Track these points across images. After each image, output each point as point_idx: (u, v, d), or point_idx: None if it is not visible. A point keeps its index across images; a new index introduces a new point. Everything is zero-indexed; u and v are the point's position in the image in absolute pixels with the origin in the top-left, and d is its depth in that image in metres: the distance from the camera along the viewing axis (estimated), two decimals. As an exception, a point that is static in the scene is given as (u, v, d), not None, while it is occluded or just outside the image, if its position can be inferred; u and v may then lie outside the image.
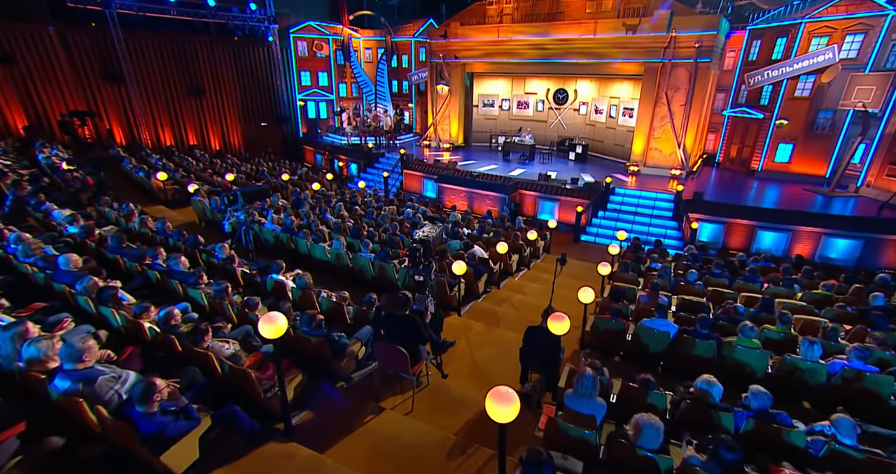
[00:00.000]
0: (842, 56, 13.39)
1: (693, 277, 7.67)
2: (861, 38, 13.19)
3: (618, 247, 9.46)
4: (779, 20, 14.75)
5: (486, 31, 18.48)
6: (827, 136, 14.73)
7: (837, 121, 14.37)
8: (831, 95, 14.18)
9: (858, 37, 13.23)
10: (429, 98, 21.64)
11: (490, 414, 2.64)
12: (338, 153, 20.12)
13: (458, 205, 15.79)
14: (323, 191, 13.50)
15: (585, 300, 5.92)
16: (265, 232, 8.71)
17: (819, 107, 14.63)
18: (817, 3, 13.62)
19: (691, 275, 7.68)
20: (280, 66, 20.54)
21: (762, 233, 11.74)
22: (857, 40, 13.27)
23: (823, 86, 14.11)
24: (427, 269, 4.84)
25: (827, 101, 14.40)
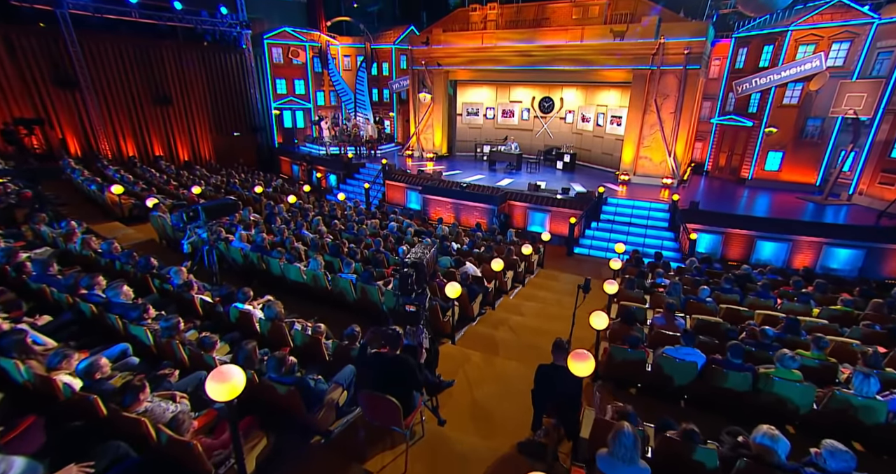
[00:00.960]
0: (829, 64, 13.48)
1: (705, 294, 7.16)
2: (847, 45, 13.31)
3: (619, 261, 8.94)
4: (765, 28, 14.84)
5: (470, 38, 18.22)
6: (816, 144, 14.77)
7: (826, 129, 14.43)
8: (820, 103, 14.24)
9: (845, 45, 13.34)
10: (411, 106, 21.25)
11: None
12: (316, 164, 19.33)
13: (445, 218, 15.19)
14: (299, 205, 12.68)
15: (598, 326, 5.30)
16: (233, 251, 7.86)
17: (808, 114, 14.68)
18: (803, 12, 13.71)
19: (703, 292, 7.17)
20: (254, 74, 19.74)
21: (761, 243, 11.47)
22: (844, 48, 13.38)
23: (812, 93, 14.17)
24: (421, 297, 4.14)
25: (815, 109, 14.46)
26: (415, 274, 4.04)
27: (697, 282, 8.08)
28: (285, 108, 22.98)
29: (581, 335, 7.30)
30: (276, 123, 22.49)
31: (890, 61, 12.50)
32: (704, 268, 9.40)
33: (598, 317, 5.29)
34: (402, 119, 24.79)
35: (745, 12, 13.39)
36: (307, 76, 23.00)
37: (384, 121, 24.65)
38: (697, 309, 7.07)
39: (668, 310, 6.04)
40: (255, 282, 8.07)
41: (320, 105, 24.04)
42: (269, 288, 7.81)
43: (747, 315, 6.84)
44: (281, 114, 22.78)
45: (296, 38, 21.89)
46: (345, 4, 24.51)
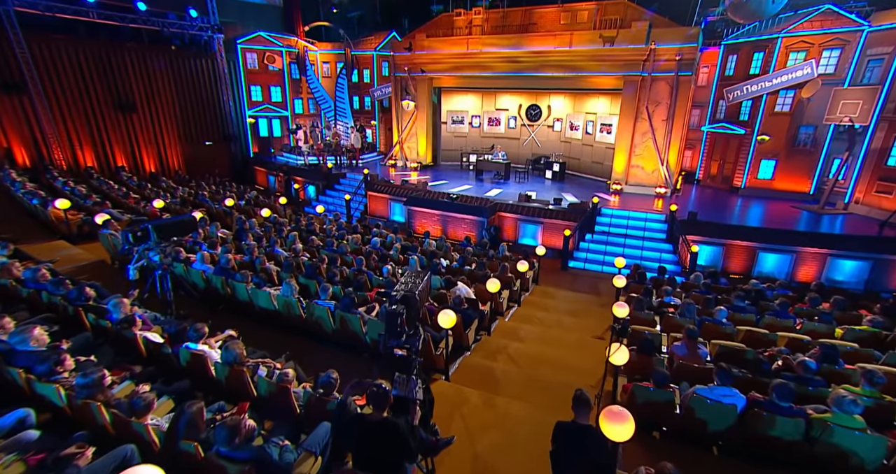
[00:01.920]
0: (820, 71, 13.43)
1: (722, 316, 6.59)
2: (838, 53, 13.29)
3: (623, 279, 8.32)
4: (755, 35, 14.79)
5: (455, 43, 17.79)
6: (809, 152, 14.69)
7: (819, 137, 14.36)
8: (812, 110, 14.18)
9: (835, 52, 13.32)
10: (393, 114, 20.71)
11: None
12: (293, 174, 18.44)
13: (432, 231, 14.48)
14: (274, 219, 11.80)
15: (618, 361, 4.61)
16: (193, 274, 6.95)
17: (800, 122, 14.60)
18: (793, 19, 13.67)
19: (720, 314, 6.59)
20: (227, 80, 18.79)
21: (764, 255, 11.10)
22: (835, 55, 13.36)
23: (804, 101, 14.10)
24: (413, 340, 3.37)
25: (808, 117, 14.39)
26: (405, 312, 3.27)
27: (711, 302, 7.51)
28: (261, 116, 22.06)
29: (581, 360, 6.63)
30: (250, 132, 21.53)
31: (881, 69, 12.46)
32: (710, 283, 8.87)
33: (619, 351, 4.60)
34: (385, 127, 24.20)
35: (735, 19, 13.19)
36: (284, 83, 22.20)
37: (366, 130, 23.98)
38: (714, 332, 6.48)
39: (688, 337, 5.41)
40: (220, 307, 7.19)
41: (298, 113, 23.22)
42: (237, 315, 6.94)
43: (769, 338, 6.26)
44: (256, 122, 21.84)
45: (272, 43, 21.10)
46: (324, 9, 23.91)
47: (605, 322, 8.84)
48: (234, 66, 20.09)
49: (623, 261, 10.19)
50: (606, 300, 10.23)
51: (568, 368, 6.49)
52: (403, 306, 3.31)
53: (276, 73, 21.77)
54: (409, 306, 3.36)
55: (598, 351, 7.30)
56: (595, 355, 7.09)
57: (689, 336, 5.41)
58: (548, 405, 5.28)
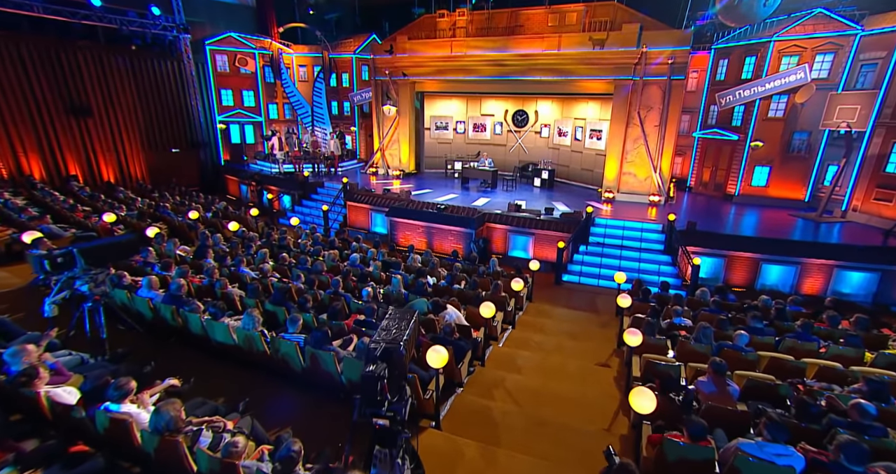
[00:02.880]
0: (813, 76, 13.31)
1: (744, 341, 5.98)
2: (831, 57, 13.18)
3: (628, 298, 7.69)
4: (746, 39, 14.65)
5: (438, 46, 17.28)
6: (804, 158, 14.54)
7: (813, 143, 14.22)
8: (806, 116, 14.03)
9: (828, 56, 13.22)
10: (374, 120, 19.97)
11: None
12: (267, 183, 17.47)
13: (416, 243, 13.77)
14: (242, 233, 10.84)
15: (644, 408, 3.89)
16: (138, 302, 6.01)
17: (794, 128, 14.45)
18: (785, 22, 13.52)
19: (741, 339, 5.98)
20: (195, 83, 17.75)
21: (767, 266, 10.70)
22: (828, 60, 13.25)
23: (797, 106, 13.95)
24: (398, 405, 2.58)
25: (802, 122, 14.25)
26: (387, 372, 2.48)
27: (725, 324, 6.90)
28: (232, 122, 21.03)
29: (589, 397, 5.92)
30: (221, 139, 20.45)
31: (874, 73, 12.34)
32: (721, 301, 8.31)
33: (643, 397, 3.89)
34: (365, 134, 23.43)
35: (726, 23, 12.98)
36: (257, 87, 21.26)
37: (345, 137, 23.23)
38: (734, 360, 5.84)
39: (715, 371, 4.73)
40: (172, 339, 6.25)
41: (273, 118, 22.30)
42: (190, 349, 6.01)
43: (796, 367, 5.66)
44: (227, 128, 20.79)
45: (243, 44, 20.17)
46: (299, 11, 23.14)
47: (608, 344, 8.22)
48: (203, 68, 19.07)
49: (623, 276, 9.62)
50: (607, 319, 9.67)
51: (574, 405, 5.77)
52: (385, 365, 2.51)
53: (249, 76, 20.84)
54: (393, 364, 2.57)
55: (604, 381, 6.63)
56: (602, 387, 6.42)
57: (715, 371, 4.74)
58: (558, 458, 4.54)
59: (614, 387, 6.37)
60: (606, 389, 6.31)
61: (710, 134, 16.63)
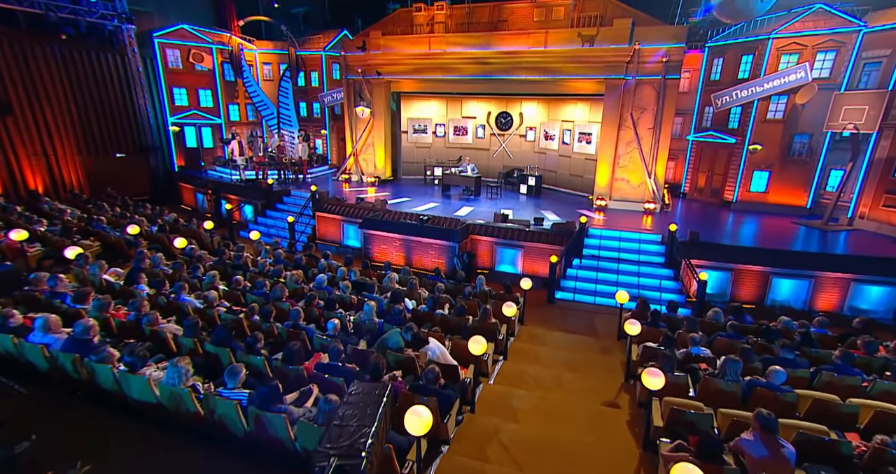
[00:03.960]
0: (814, 75, 13.12)
1: (780, 379, 5.25)
2: (833, 55, 13.01)
3: (637, 325, 6.94)
4: (742, 36, 14.42)
5: (415, 42, 16.62)
6: (804, 163, 14.30)
7: (815, 146, 13.99)
8: (807, 117, 13.81)
9: (830, 54, 13.04)
10: (346, 123, 19.24)
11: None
12: (225, 192, 16.31)
13: (392, 258, 12.90)
14: (191, 251, 9.71)
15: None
16: (29, 350, 4.90)
17: (794, 130, 14.21)
18: (784, 19, 13.30)
19: (777, 377, 5.27)
20: (142, 80, 16.45)
21: (778, 281, 10.21)
22: (829, 58, 13.07)
23: (798, 107, 13.72)
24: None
25: (802, 124, 14.02)
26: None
27: (749, 354, 6.19)
28: (187, 124, 19.72)
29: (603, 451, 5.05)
30: (174, 142, 19.12)
31: (878, 72, 12.15)
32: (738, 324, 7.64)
33: None
34: (337, 137, 22.56)
35: (721, 19, 12.64)
36: (216, 85, 20.06)
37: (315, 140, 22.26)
38: (769, 402, 5.12)
39: (764, 429, 3.96)
40: (78, 393, 5.15)
41: (234, 121, 21.16)
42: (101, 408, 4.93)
43: (849, 411, 4.96)
44: (182, 130, 19.48)
45: (198, 38, 18.98)
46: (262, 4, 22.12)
47: (613, 377, 7.46)
48: (152, 63, 17.79)
49: (626, 295, 8.91)
50: (608, 343, 8.96)
51: (584, 463, 4.92)
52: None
53: (206, 73, 19.65)
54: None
55: (617, 428, 5.82)
56: (616, 438, 5.60)
57: (763, 427, 3.97)
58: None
59: (629, 437, 5.56)
60: (621, 440, 5.50)
61: (705, 137, 16.37)
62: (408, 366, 5.90)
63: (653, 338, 7.43)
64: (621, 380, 7.25)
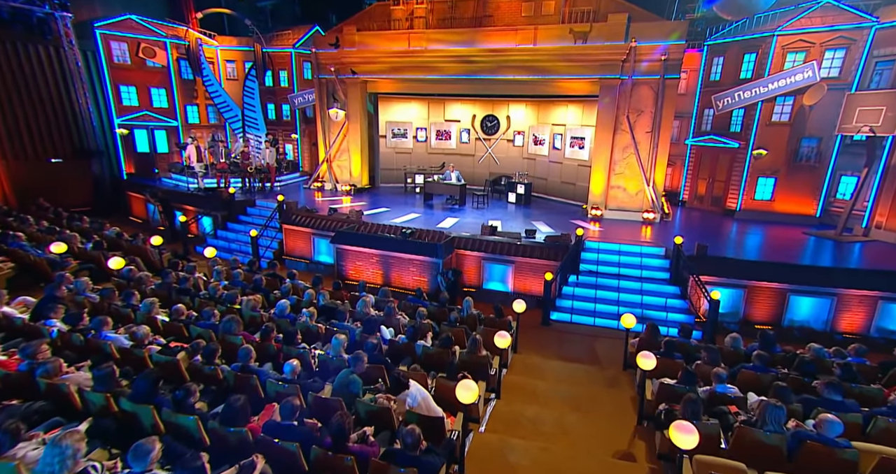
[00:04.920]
0: (822, 74, 12.89)
1: (836, 430, 4.51)
2: (843, 53, 12.81)
3: (652, 358, 6.18)
4: (745, 34, 14.22)
5: (393, 39, 16.05)
6: (813, 168, 14.03)
7: (824, 151, 13.72)
8: (815, 120, 13.55)
9: (839, 52, 12.84)
10: (319, 126, 18.43)
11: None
12: (180, 202, 15.25)
13: (368, 276, 12.11)
14: (128, 273, 8.65)
15: None
16: None
17: (801, 133, 13.94)
18: (789, 14, 13.06)
19: (832, 427, 4.51)
20: (82, 76, 15.27)
21: (796, 299, 9.70)
22: (839, 56, 12.87)
23: (805, 109, 13.47)
24: None
25: (811, 127, 13.75)
26: None
27: (786, 394, 5.46)
28: (138, 126, 18.53)
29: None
30: (122, 147, 17.90)
31: (892, 71, 11.92)
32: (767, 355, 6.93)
33: None
34: (309, 142, 21.92)
35: (722, 15, 12.34)
36: (171, 84, 19.05)
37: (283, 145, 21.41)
38: (825, 459, 4.39)
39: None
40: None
41: (193, 123, 20.17)
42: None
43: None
44: (131, 134, 18.27)
45: (149, 31, 17.91)
46: (224, -6, 21.28)
47: (625, 417, 6.72)
48: (95, 57, 16.60)
49: (632, 318, 8.16)
50: (612, 373, 8.27)
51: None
52: None
53: (159, 70, 18.65)
54: None
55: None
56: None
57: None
58: None
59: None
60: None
61: (705, 141, 16.09)
62: (382, 419, 5.03)
63: (668, 371, 6.70)
64: (634, 422, 6.50)
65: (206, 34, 19.70)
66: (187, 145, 16.23)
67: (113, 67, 17.45)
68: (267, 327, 6.58)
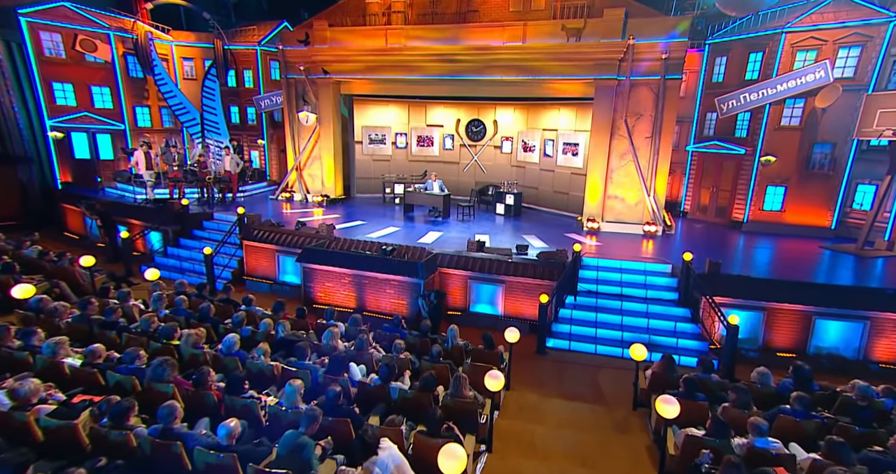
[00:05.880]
0: (836, 74, 12.57)
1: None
2: (858, 51, 12.59)
3: (675, 403, 5.36)
4: (749, 31, 13.98)
5: (369, 35, 15.51)
6: (827, 176, 13.68)
7: (839, 157, 13.38)
8: (829, 124, 13.23)
9: (854, 50, 12.62)
10: (287, 131, 17.69)
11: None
12: (123, 215, 14.24)
13: (340, 299, 11.26)
14: (37, 304, 7.53)
15: None
16: None
17: (814, 139, 13.61)
18: (799, 10, 12.82)
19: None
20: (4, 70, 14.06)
21: (823, 322, 9.10)
22: (854, 55, 12.65)
23: (817, 112, 13.15)
24: None
25: (823, 132, 13.43)
26: None
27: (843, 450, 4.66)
28: (75, 129, 17.30)
29: None
30: (56, 152, 16.63)
31: (910, 72, 11.65)
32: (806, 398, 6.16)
33: None
34: (277, 148, 21.06)
35: (726, 12, 12.04)
36: (116, 82, 18.01)
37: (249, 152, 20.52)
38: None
39: None
40: None
41: (145, 127, 19.13)
42: None
43: None
44: (67, 137, 17.01)
45: (88, 21, 16.85)
46: (181, -14, 20.46)
47: (639, 470, 5.89)
48: (20, 49, 15.37)
49: (643, 349, 7.36)
50: (622, 415, 7.50)
51: None
52: None
53: (102, 66, 17.59)
54: None
55: None
56: None
57: None
58: None
59: None
60: None
61: (708, 147, 15.77)
62: (342, 500, 4.07)
63: (690, 415, 5.90)
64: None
65: (159, 28, 18.81)
66: (134, 151, 15.16)
67: (43, 62, 16.29)
68: (202, 371, 5.56)
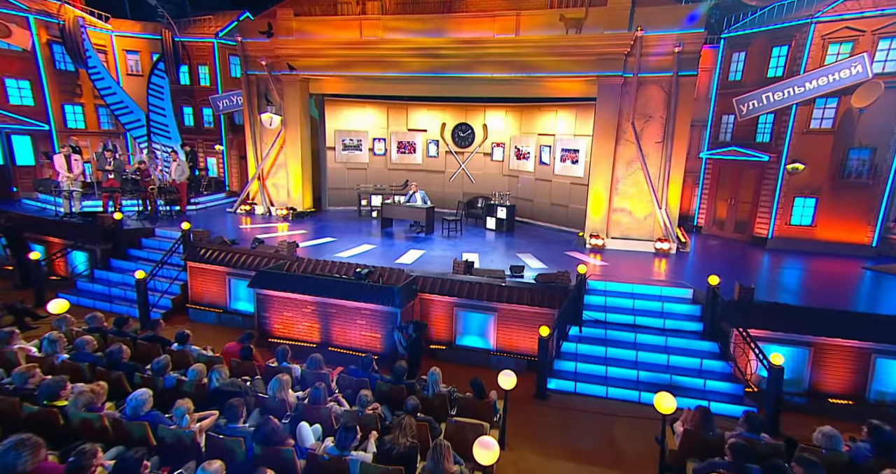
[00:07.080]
0: (876, 69, 12.05)
1: None
2: None
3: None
4: (772, 23, 13.58)
5: (341, 26, 14.97)
6: (866, 186, 13.16)
7: (880, 164, 12.83)
8: (867, 126, 12.73)
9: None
10: (248, 135, 17.08)
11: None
12: (38, 231, 13.27)
13: (301, 332, 10.27)
14: None
15: None
16: None
17: (849, 144, 13.10)
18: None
19: None
20: None
21: (884, 362, 8.22)
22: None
23: (854, 113, 12.65)
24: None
25: (861, 136, 12.93)
26: None
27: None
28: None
29: None
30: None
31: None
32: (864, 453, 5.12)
33: None
34: (237, 155, 20.51)
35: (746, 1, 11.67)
36: (39, 75, 17.03)
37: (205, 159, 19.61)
38: None
39: None
40: None
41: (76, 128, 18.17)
42: None
43: None
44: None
45: (0, 0, 16.01)
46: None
47: None
48: None
49: (671, 399, 6.27)
50: (646, 485, 6.36)
51: None
52: None
53: (19, 55, 16.56)
54: None
55: None
56: None
57: None
58: None
59: None
60: None
61: (725, 154, 15.34)
62: None
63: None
64: None
65: (95, 14, 18.09)
66: (54, 155, 14.13)
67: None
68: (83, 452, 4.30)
